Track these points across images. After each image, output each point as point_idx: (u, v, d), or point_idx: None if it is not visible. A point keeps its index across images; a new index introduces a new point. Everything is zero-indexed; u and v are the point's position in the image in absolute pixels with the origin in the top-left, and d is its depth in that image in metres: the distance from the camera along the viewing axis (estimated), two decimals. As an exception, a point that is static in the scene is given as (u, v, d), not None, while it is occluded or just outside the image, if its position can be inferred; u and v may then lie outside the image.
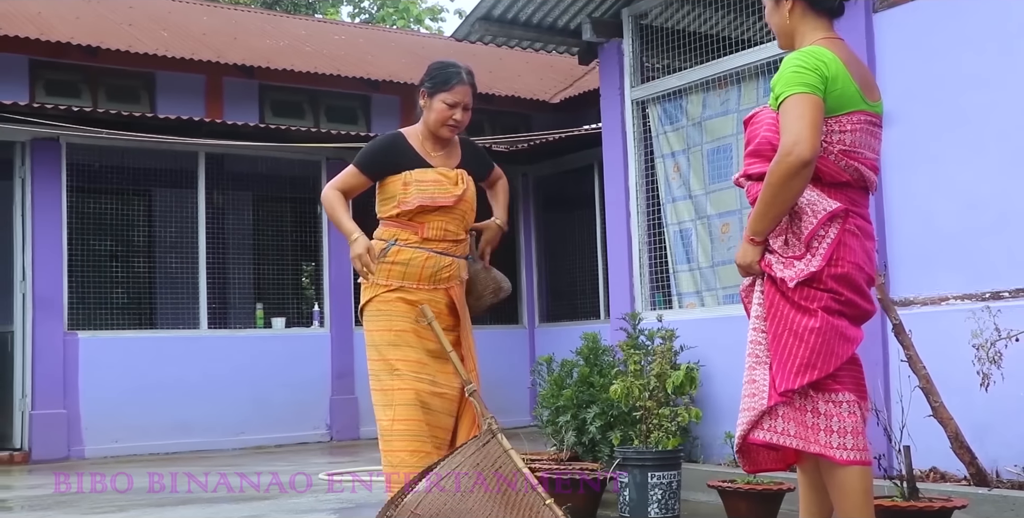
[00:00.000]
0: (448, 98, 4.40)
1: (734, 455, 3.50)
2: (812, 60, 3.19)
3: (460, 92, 4.42)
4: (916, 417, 4.74)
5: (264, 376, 9.95)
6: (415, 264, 4.39)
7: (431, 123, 4.44)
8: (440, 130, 4.45)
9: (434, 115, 4.41)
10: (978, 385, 4.60)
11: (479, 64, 15.12)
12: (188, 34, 13.17)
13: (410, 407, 4.25)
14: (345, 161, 10.67)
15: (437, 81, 4.43)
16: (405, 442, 4.25)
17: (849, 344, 3.21)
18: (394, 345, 4.34)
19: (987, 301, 4.96)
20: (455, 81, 4.41)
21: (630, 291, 6.87)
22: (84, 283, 9.38)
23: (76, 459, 8.98)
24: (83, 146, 9.37)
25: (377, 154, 4.45)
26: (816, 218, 3.18)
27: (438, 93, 4.41)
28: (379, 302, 4.40)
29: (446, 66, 4.48)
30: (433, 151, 4.49)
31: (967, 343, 4.72)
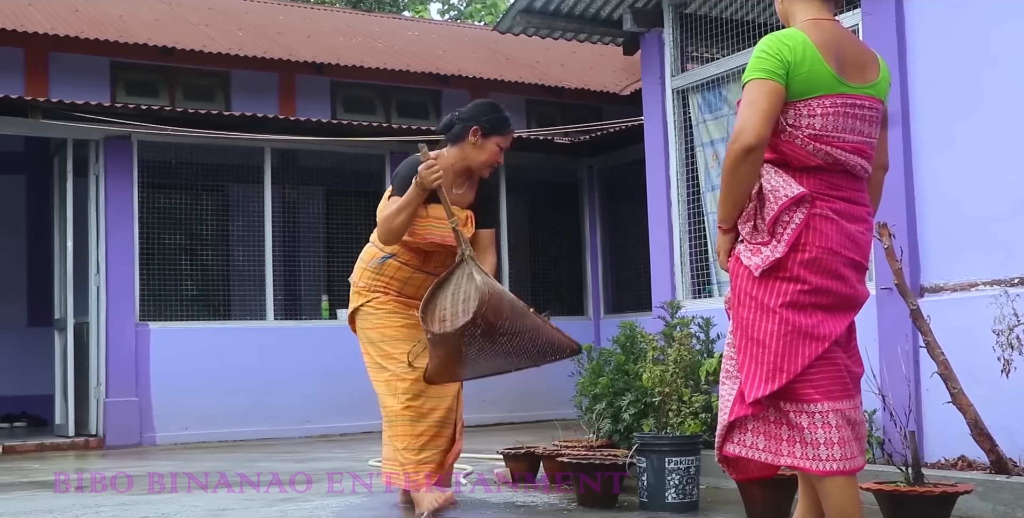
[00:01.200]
0: (502, 142, 4.72)
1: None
2: (776, 44, 3.17)
3: (510, 137, 4.77)
4: (937, 404, 4.71)
5: (329, 366, 10.16)
6: (412, 283, 4.80)
7: (478, 162, 4.70)
8: (483, 170, 4.75)
9: (486, 155, 4.69)
10: (999, 371, 4.54)
11: (551, 57, 15.36)
12: (262, 33, 13.49)
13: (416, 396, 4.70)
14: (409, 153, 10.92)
15: (496, 124, 4.70)
16: (409, 427, 4.69)
17: (816, 343, 3.16)
18: (395, 339, 4.76)
19: (1016, 286, 4.88)
20: (510, 127, 4.75)
21: (671, 280, 6.89)
22: (155, 276, 9.70)
23: (148, 445, 9.30)
24: (153, 143, 9.68)
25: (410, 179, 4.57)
26: (778, 204, 3.16)
27: (493, 136, 4.70)
28: (374, 305, 4.84)
29: (500, 110, 4.77)
30: (455, 185, 4.73)
31: (991, 330, 4.66)
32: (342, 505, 5.19)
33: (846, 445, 3.12)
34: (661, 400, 5.17)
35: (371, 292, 4.86)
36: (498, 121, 4.72)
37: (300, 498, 5.49)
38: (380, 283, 4.86)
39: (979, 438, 4.55)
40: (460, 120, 4.75)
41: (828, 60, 3.19)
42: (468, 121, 4.71)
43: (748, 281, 3.22)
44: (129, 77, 12.13)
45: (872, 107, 3.28)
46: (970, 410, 4.56)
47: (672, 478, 4.81)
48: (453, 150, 4.73)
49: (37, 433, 9.97)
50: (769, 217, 3.17)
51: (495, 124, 4.71)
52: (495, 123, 4.71)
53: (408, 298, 4.81)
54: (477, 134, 4.67)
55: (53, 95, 10.90)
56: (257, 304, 10.16)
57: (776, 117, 3.14)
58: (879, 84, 3.31)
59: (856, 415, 3.20)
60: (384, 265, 4.84)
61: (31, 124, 9.06)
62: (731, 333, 3.32)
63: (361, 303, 4.87)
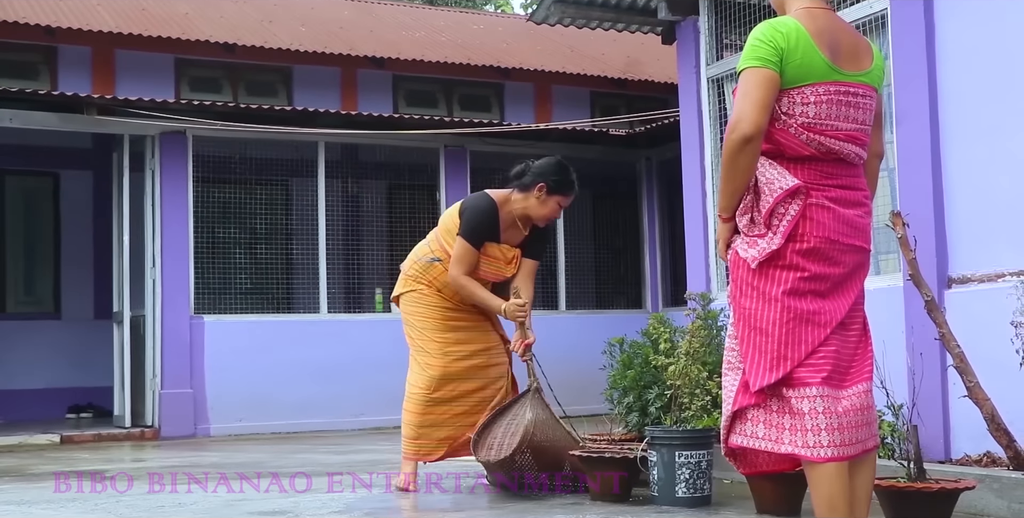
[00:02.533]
0: (564, 201, 5.19)
1: None
2: (769, 32, 3.16)
3: (572, 198, 5.24)
4: (964, 399, 4.55)
5: (382, 359, 10.19)
6: (452, 288, 5.25)
7: (538, 214, 5.17)
8: (541, 222, 5.23)
9: (546, 211, 5.17)
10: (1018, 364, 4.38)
11: (618, 49, 15.25)
12: (325, 28, 13.61)
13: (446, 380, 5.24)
14: (463, 147, 10.97)
15: (561, 186, 5.15)
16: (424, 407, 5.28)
17: (819, 329, 3.16)
18: (435, 329, 5.28)
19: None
20: (574, 190, 5.21)
21: (706, 272, 6.78)
22: (209, 269, 9.84)
23: (202, 436, 9.46)
24: (208, 138, 9.81)
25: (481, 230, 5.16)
26: (773, 196, 3.16)
27: (556, 194, 5.14)
28: (419, 294, 5.32)
29: (568, 172, 5.20)
30: (512, 226, 5.23)
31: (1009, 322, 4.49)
32: (358, 497, 5.21)
33: (841, 431, 3.09)
34: (673, 394, 5.08)
35: (416, 283, 5.33)
36: (564, 184, 5.14)
37: (319, 489, 5.53)
38: (425, 279, 5.31)
39: (996, 433, 4.39)
40: (531, 173, 5.18)
41: (821, 47, 3.17)
42: (538, 177, 5.14)
43: (747, 272, 3.23)
44: (193, 74, 12.35)
45: (866, 94, 3.26)
46: (987, 404, 4.40)
47: (683, 472, 4.72)
48: (519, 196, 5.18)
49: (99, 424, 10.19)
50: (765, 209, 3.16)
51: (560, 185, 5.14)
52: (560, 185, 5.14)
53: (448, 296, 5.30)
54: (543, 190, 5.11)
55: (119, 93, 11.17)
56: (311, 297, 10.26)
57: (772, 105, 3.13)
58: (873, 72, 3.29)
59: (856, 401, 3.16)
60: (431, 266, 5.32)
61: (88, 121, 9.26)
62: (732, 324, 3.32)
63: (406, 290, 5.37)
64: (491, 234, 5.22)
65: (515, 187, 5.22)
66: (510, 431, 5.04)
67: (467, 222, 5.19)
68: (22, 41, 11.31)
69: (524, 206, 5.17)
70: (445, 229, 5.29)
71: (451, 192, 10.76)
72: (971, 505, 4.25)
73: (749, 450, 3.38)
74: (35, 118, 9.28)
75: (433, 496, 5.23)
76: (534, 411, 5.06)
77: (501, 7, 28.32)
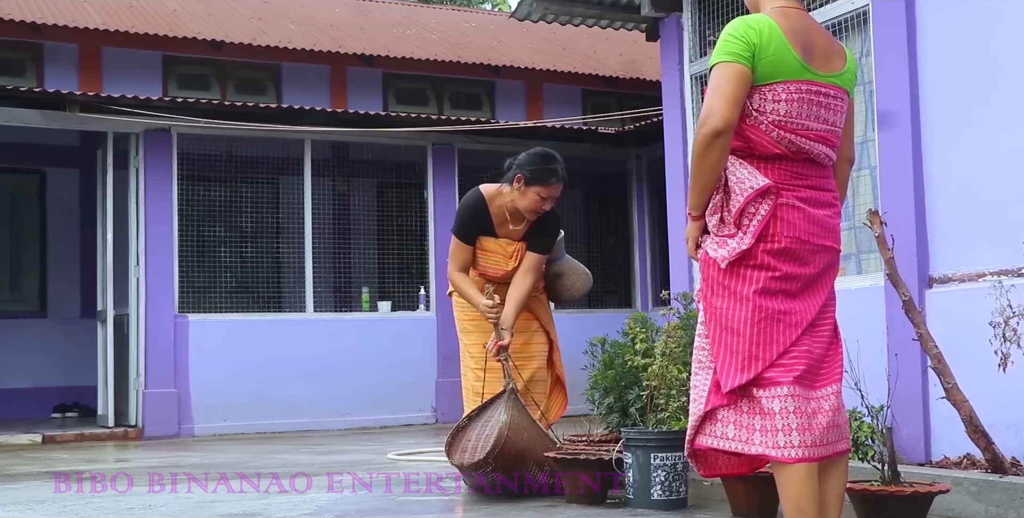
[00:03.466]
0: (543, 192, 5.03)
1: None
2: (742, 27, 3.13)
3: (554, 188, 5.06)
4: (944, 400, 4.47)
5: (370, 359, 10.16)
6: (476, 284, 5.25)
7: (521, 206, 5.09)
8: (528, 214, 5.12)
9: (526, 202, 5.06)
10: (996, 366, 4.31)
11: (610, 48, 15.17)
12: (314, 26, 13.53)
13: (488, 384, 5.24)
14: (452, 145, 10.90)
15: (537, 175, 5.03)
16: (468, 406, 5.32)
17: (790, 329, 3.11)
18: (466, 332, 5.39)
19: (1021, 277, 4.62)
20: (553, 179, 5.04)
21: (689, 271, 6.70)
22: (194, 268, 9.78)
23: (186, 436, 9.39)
24: (193, 136, 9.75)
25: (468, 224, 5.21)
26: (743, 196, 3.11)
27: (534, 185, 5.03)
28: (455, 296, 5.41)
29: (548, 161, 5.08)
30: (512, 222, 5.18)
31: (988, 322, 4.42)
32: (331, 499, 5.14)
33: (812, 432, 3.03)
34: (649, 394, 5.01)
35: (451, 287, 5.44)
36: (541, 173, 5.02)
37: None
38: None
39: (974, 435, 4.33)
40: (514, 166, 5.12)
41: (794, 45, 3.14)
42: (516, 169, 5.08)
43: (718, 271, 3.18)
44: (181, 71, 12.27)
45: (838, 96, 3.23)
46: (965, 406, 4.33)
47: (658, 474, 4.66)
48: (507, 189, 5.15)
49: (83, 424, 10.12)
50: (735, 209, 3.12)
51: (536, 176, 5.02)
52: (536, 175, 5.02)
53: None
54: (520, 182, 5.04)
55: (106, 90, 11.10)
56: (297, 296, 10.19)
57: (743, 101, 3.09)
58: (845, 74, 3.26)
59: (825, 403, 3.11)
60: None
61: (71, 118, 9.20)
62: (702, 324, 3.26)
63: (449, 291, 5.51)
64: (482, 228, 5.21)
65: (503, 181, 5.21)
66: (484, 433, 4.96)
67: (456, 217, 5.29)
68: (8, 38, 11.22)
69: (511, 199, 5.13)
70: None
71: (439, 191, 10.70)
72: (948, 508, 4.18)
73: (710, 452, 3.33)
74: (19, 115, 9.23)
75: (406, 497, 5.16)
76: (509, 413, 4.96)
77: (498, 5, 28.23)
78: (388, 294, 10.66)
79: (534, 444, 4.98)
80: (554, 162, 5.10)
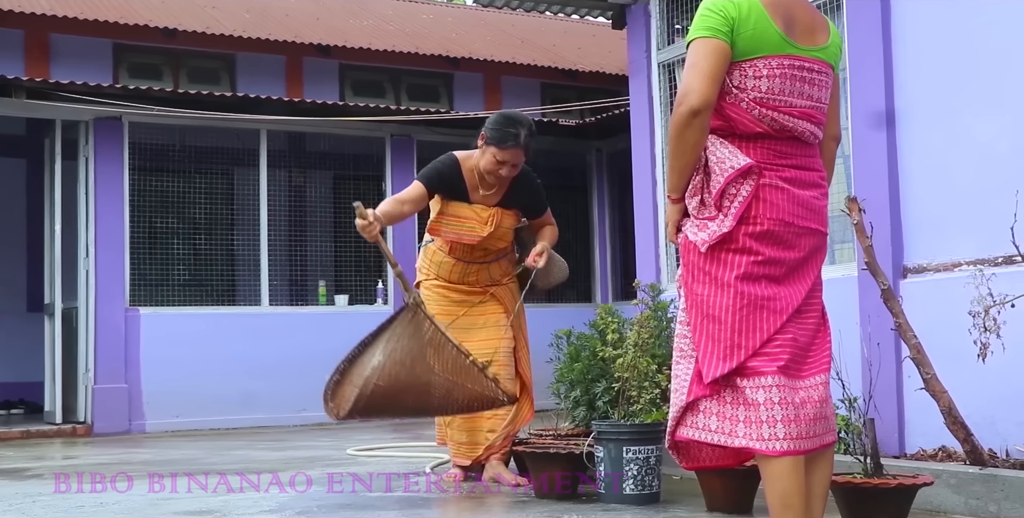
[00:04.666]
0: (499, 155, 4.82)
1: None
2: (720, 2, 2.99)
3: (511, 154, 4.83)
4: (921, 391, 4.38)
5: (326, 353, 9.72)
6: (445, 268, 5.11)
7: (480, 166, 4.90)
8: (486, 175, 4.92)
9: (483, 163, 4.88)
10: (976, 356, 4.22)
11: (569, 41, 15.07)
12: (270, 15, 13.29)
13: None
14: (410, 137, 10.72)
15: (495, 136, 4.82)
16: None
17: (775, 316, 2.98)
18: None
19: (1000, 266, 4.55)
20: (510, 143, 4.80)
21: (656, 262, 6.59)
22: (146, 260, 9.52)
23: (137, 433, 9.13)
24: (145, 125, 9.48)
25: (437, 177, 4.94)
26: (723, 176, 2.97)
27: (491, 146, 4.83)
28: (426, 285, 5.17)
29: (510, 124, 4.85)
30: (482, 186, 4.97)
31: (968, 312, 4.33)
32: (291, 497, 4.97)
33: (798, 424, 2.91)
34: (621, 387, 4.87)
35: (420, 273, 5.23)
36: (499, 134, 4.81)
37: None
38: (424, 265, 5.22)
39: (953, 427, 4.23)
40: (484, 125, 4.93)
41: (775, 19, 3.00)
42: (483, 127, 4.91)
43: (698, 256, 3.04)
44: (132, 60, 11.98)
45: (822, 71, 3.09)
46: (943, 397, 4.24)
47: (630, 468, 4.54)
48: (476, 152, 4.96)
49: (29, 420, 9.82)
50: (715, 190, 2.98)
51: (495, 137, 4.82)
52: (495, 136, 4.82)
53: (452, 283, 5.15)
54: (482, 140, 4.88)
55: (54, 78, 10.77)
56: (252, 290, 9.96)
57: (722, 78, 2.95)
58: (829, 48, 3.13)
59: (813, 393, 2.99)
60: (426, 249, 5.22)
61: (16, 104, 8.89)
62: (683, 311, 3.13)
63: (418, 281, 5.20)
64: (452, 187, 4.96)
65: None
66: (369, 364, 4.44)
67: (424, 169, 5.06)
68: (-49, 24, 10.91)
69: (477, 160, 4.94)
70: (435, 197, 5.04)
71: (397, 183, 10.49)
72: (927, 501, 4.10)
73: (693, 444, 3.21)
74: (-40, 102, 8.93)
75: (372, 494, 5.00)
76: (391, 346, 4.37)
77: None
78: (345, 288, 10.46)
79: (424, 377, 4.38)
80: (517, 126, 4.84)
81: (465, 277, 5.05)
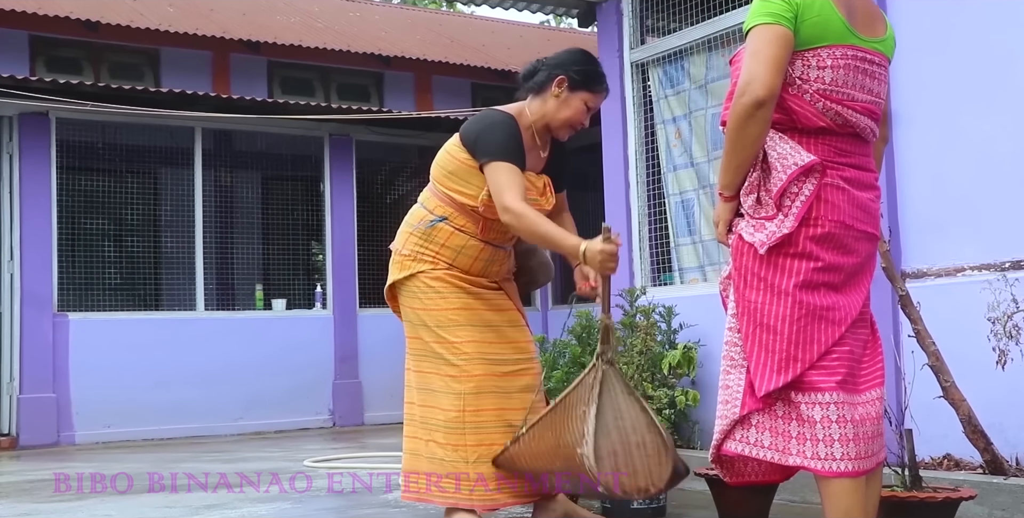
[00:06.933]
0: (591, 100, 3.85)
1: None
2: None
3: (601, 98, 3.90)
4: (926, 398, 4.29)
5: (264, 360, 9.61)
6: (468, 254, 3.87)
7: (557, 119, 3.83)
8: (561, 130, 3.87)
9: (569, 112, 3.81)
10: (995, 363, 4.15)
11: (497, 41, 14.87)
12: (195, 10, 12.84)
13: (483, 395, 3.77)
14: (349, 136, 10.43)
15: (588, 77, 3.83)
16: (482, 435, 3.73)
17: (833, 327, 2.81)
18: (456, 325, 3.83)
19: (1006, 271, 4.49)
20: (603, 86, 3.86)
21: (629, 266, 6.44)
22: (75, 263, 9.08)
23: (66, 445, 8.68)
24: (74, 121, 9.05)
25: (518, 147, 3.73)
26: (786, 173, 2.79)
27: (581, 90, 3.82)
28: (426, 278, 3.87)
29: (594, 61, 3.89)
30: (534, 146, 3.87)
31: (984, 317, 4.26)
32: (273, 511, 4.68)
33: (857, 443, 2.76)
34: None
35: (418, 262, 3.90)
36: (592, 74, 3.83)
37: (225, 504, 4.97)
38: (429, 252, 3.89)
39: (973, 436, 4.15)
40: (546, 66, 3.85)
41: (838, 6, 2.83)
42: (555, 68, 3.83)
43: (754, 260, 2.85)
44: (50, 53, 11.42)
45: (881, 64, 2.94)
46: (963, 405, 4.16)
47: (637, 481, 4.35)
48: (535, 102, 3.85)
49: (-53, 432, 9.27)
50: (776, 188, 2.80)
51: (587, 77, 3.82)
52: (588, 76, 3.82)
53: (461, 271, 3.88)
54: (563, 85, 3.80)
55: (-34, 71, 10.22)
56: (187, 294, 9.56)
57: (785, 67, 2.77)
58: (887, 41, 2.98)
59: (871, 409, 2.84)
60: (434, 230, 3.88)
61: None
62: (733, 317, 2.95)
63: (406, 275, 3.91)
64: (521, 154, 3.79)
65: (528, 91, 3.89)
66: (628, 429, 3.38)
67: (491, 141, 3.73)
68: None
69: (542, 113, 3.83)
70: (445, 173, 3.83)
71: (336, 184, 10.22)
72: (949, 512, 4.00)
73: (739, 458, 3.05)
74: None
75: (359, 511, 4.74)
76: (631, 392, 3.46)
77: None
78: (283, 292, 10.13)
79: None
80: (599, 65, 3.92)
81: (490, 266, 3.90)
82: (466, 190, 3.78)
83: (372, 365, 10.06)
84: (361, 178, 10.48)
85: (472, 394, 3.74)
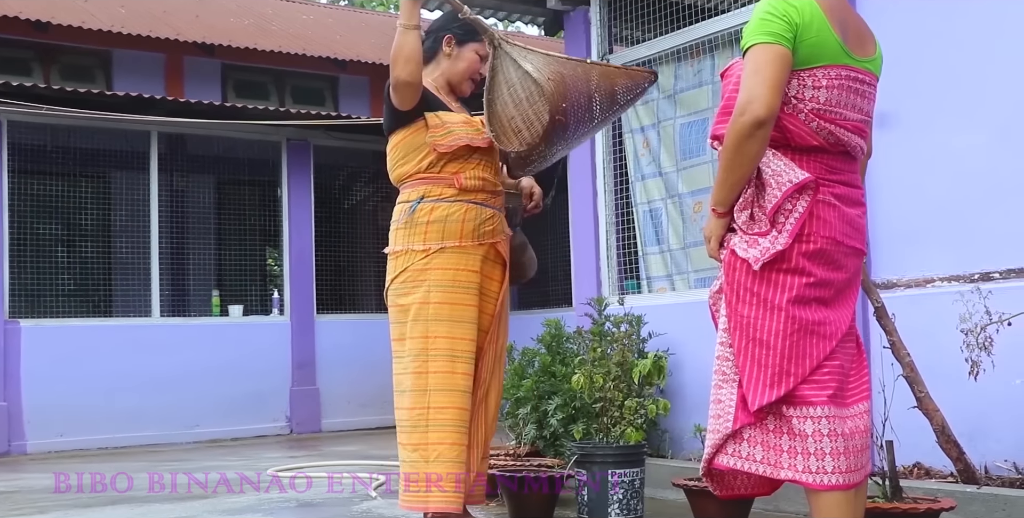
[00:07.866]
0: (480, 49, 3.99)
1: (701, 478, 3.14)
2: (782, 5, 2.82)
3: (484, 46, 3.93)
4: (900, 408, 4.34)
5: (220, 366, 9.51)
6: (454, 219, 3.89)
7: (456, 73, 4.03)
8: (463, 84, 4.06)
9: (464, 64, 4.02)
10: (966, 374, 4.21)
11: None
12: (147, 11, 12.67)
13: (451, 393, 3.80)
14: (307, 141, 10.36)
15: (470, 29, 3.93)
16: (444, 433, 3.76)
17: (825, 341, 2.85)
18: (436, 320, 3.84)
19: (976, 282, 4.56)
20: (488, 31, 3.84)
21: (596, 275, 6.45)
22: (27, 269, 8.93)
23: (18, 454, 8.52)
24: (26, 124, 8.89)
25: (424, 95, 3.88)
26: (780, 190, 2.82)
27: (470, 42, 4.00)
28: (412, 272, 3.89)
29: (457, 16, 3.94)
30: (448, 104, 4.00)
31: (955, 328, 4.32)
32: None
33: (847, 456, 2.79)
34: (602, 407, 4.70)
35: (409, 254, 3.91)
36: (468, 27, 3.94)
37: (195, 516, 4.90)
38: (418, 237, 3.90)
39: (946, 445, 4.22)
40: (431, 33, 4.04)
41: (834, 26, 2.86)
42: (440, 31, 4.03)
43: (747, 275, 2.87)
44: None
45: (871, 83, 3.00)
46: (937, 415, 4.22)
47: (616, 492, 4.38)
48: (431, 67, 4.02)
49: None
50: (770, 205, 2.84)
51: (469, 29, 3.94)
52: (466, 30, 3.97)
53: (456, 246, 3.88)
54: (451, 43, 4.01)
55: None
56: (142, 300, 9.43)
57: (784, 86, 2.80)
58: (876, 60, 3.03)
59: (859, 422, 2.88)
60: (417, 212, 3.91)
61: None
62: (724, 331, 2.97)
63: (398, 272, 3.93)
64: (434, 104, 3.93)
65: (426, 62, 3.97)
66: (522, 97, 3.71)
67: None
68: None
69: (440, 72, 4.03)
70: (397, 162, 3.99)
71: (294, 188, 10.14)
72: (924, 522, 4.05)
73: (730, 472, 3.07)
74: None
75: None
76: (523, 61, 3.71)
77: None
78: (240, 298, 10.02)
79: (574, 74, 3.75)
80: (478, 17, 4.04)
81: (482, 227, 3.90)
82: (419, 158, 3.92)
83: (330, 372, 10.00)
84: (319, 183, 10.41)
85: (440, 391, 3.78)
